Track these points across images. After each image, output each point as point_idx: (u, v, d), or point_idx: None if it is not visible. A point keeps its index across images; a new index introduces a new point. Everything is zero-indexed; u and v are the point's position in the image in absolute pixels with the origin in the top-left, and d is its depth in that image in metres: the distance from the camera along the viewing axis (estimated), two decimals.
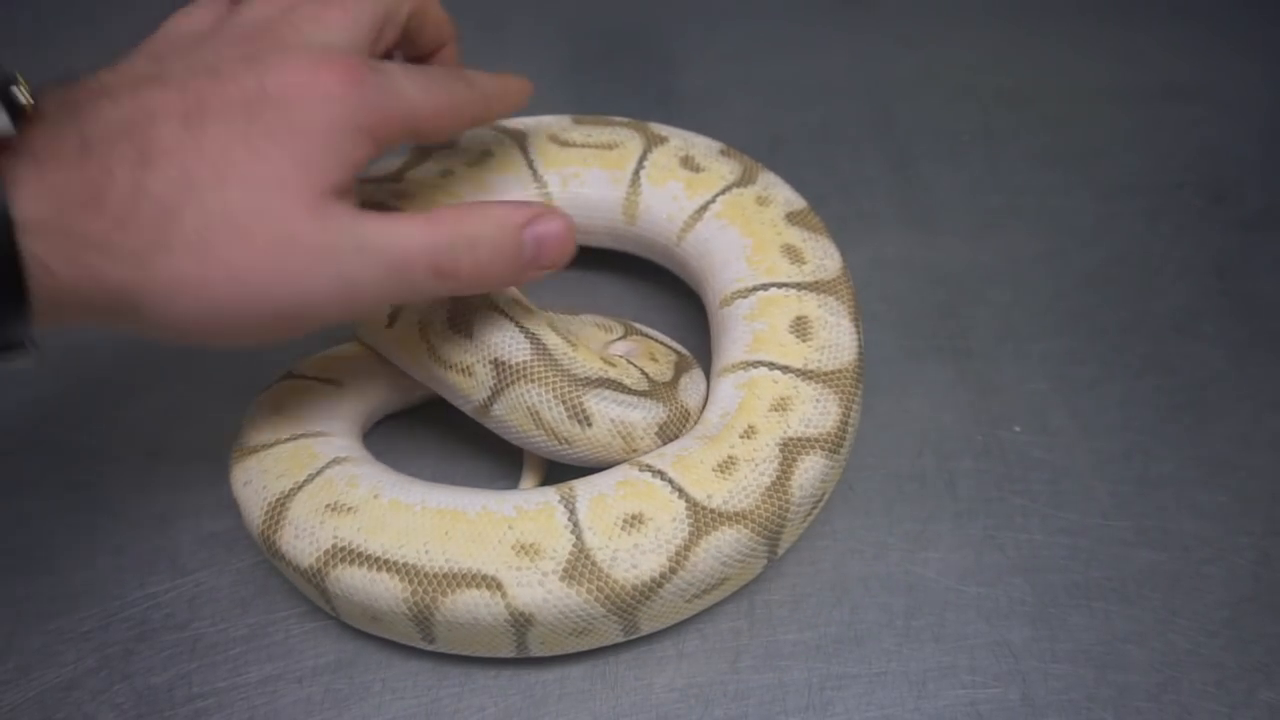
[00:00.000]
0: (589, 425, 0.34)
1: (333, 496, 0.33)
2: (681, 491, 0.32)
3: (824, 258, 0.39)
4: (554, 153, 0.43)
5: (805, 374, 0.36)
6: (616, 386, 0.34)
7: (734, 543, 0.32)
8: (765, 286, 0.38)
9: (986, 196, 0.51)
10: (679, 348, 0.39)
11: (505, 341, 0.34)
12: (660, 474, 0.33)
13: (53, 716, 0.33)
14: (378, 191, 0.39)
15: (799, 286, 0.38)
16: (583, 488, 0.33)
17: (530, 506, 0.32)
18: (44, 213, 0.26)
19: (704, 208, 0.41)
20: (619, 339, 0.39)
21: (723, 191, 0.41)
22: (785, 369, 0.36)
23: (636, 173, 0.42)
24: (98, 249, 0.27)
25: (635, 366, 0.36)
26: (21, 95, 0.27)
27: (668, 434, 0.35)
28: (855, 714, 0.33)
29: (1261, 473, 0.39)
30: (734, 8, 0.62)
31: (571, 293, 0.45)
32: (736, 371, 0.36)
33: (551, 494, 0.33)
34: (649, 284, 0.45)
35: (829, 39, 0.60)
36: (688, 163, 0.42)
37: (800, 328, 0.37)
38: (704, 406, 0.37)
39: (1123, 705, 0.33)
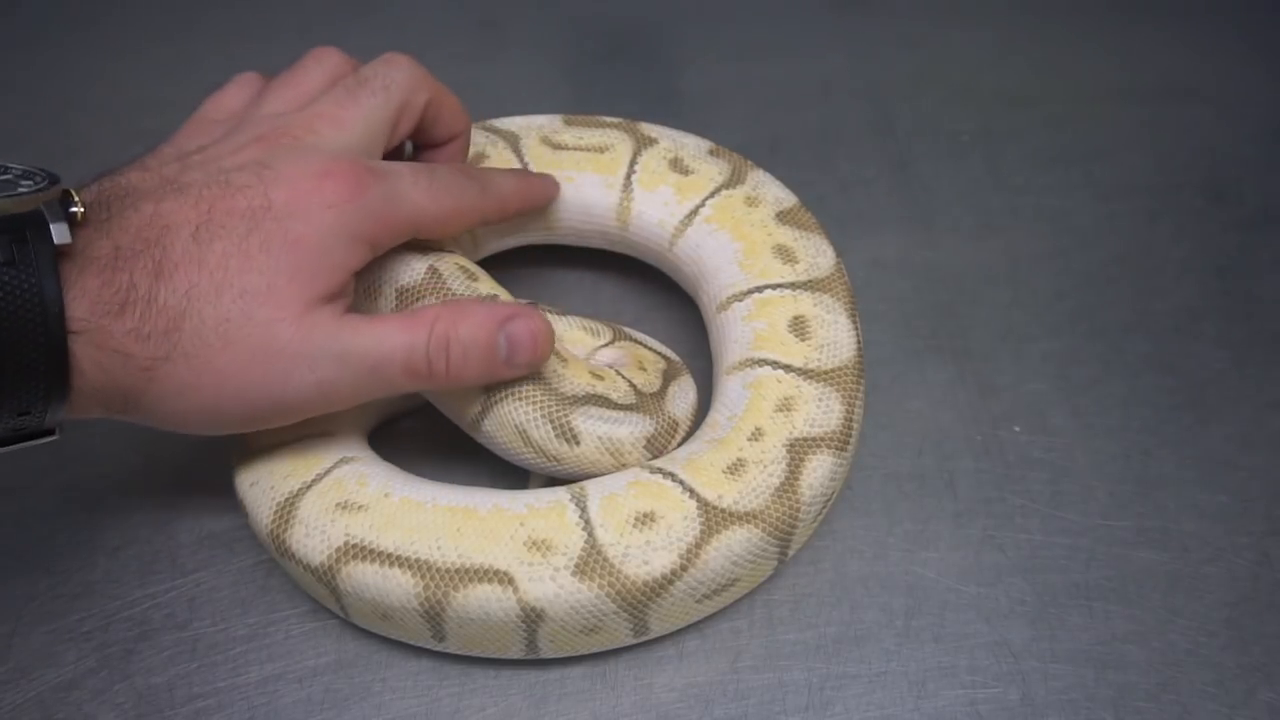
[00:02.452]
0: (577, 444, 0.34)
1: (343, 495, 0.33)
2: (692, 492, 0.33)
3: (816, 255, 0.39)
4: (547, 156, 0.42)
5: (807, 373, 0.36)
6: (603, 403, 0.34)
7: (745, 542, 0.32)
8: (760, 289, 0.38)
9: (986, 196, 0.51)
10: (668, 353, 0.39)
11: None
12: (671, 475, 0.33)
13: (53, 716, 0.33)
14: None
15: (793, 286, 0.38)
16: (593, 487, 0.33)
17: (542, 504, 0.32)
18: (82, 317, 0.28)
19: (694, 212, 0.41)
20: (606, 344, 0.38)
21: (712, 194, 0.41)
22: (788, 368, 0.36)
23: (628, 177, 0.42)
24: (119, 356, 0.28)
25: (623, 378, 0.36)
26: (77, 207, 0.29)
27: (655, 446, 0.35)
28: (855, 714, 0.33)
29: (1261, 473, 0.39)
30: (734, 8, 0.62)
31: (572, 293, 0.45)
32: (743, 370, 0.36)
33: (562, 493, 0.33)
34: (649, 284, 0.45)
35: (829, 39, 0.60)
36: (677, 165, 0.42)
37: (798, 327, 0.37)
38: (697, 411, 0.37)
39: (1123, 705, 0.33)
